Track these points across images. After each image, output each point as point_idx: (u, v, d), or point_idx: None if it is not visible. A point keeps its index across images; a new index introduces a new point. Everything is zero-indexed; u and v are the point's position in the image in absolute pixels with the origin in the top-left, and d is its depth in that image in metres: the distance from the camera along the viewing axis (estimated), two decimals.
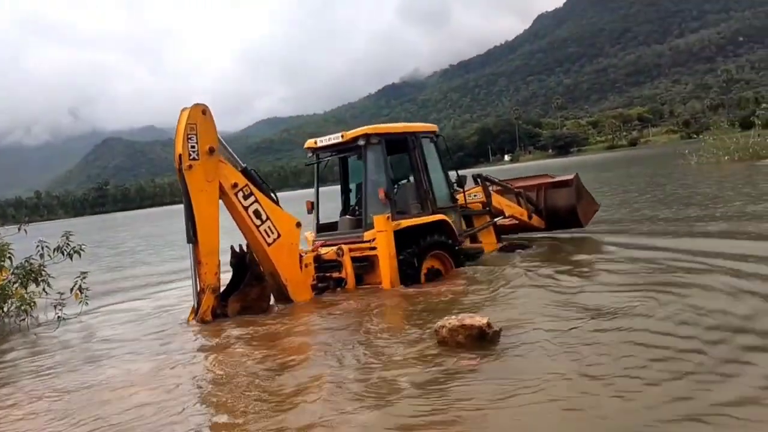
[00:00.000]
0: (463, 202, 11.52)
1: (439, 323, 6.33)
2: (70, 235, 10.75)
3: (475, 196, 12.06)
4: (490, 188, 12.40)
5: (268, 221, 9.36)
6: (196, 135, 8.89)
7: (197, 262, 8.85)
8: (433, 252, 10.21)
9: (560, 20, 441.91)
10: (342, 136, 10.54)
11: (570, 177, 13.41)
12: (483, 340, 6.13)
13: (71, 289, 10.24)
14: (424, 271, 10.01)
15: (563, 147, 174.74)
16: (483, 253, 11.38)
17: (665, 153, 49.15)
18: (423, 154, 10.63)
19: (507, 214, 12.50)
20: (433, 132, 11.32)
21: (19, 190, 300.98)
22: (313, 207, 11.40)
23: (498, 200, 12.42)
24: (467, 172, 12.36)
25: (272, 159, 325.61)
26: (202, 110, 8.98)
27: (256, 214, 9.28)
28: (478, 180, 12.29)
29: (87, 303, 10.44)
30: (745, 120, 58.37)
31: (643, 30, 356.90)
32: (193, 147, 8.86)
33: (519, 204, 12.87)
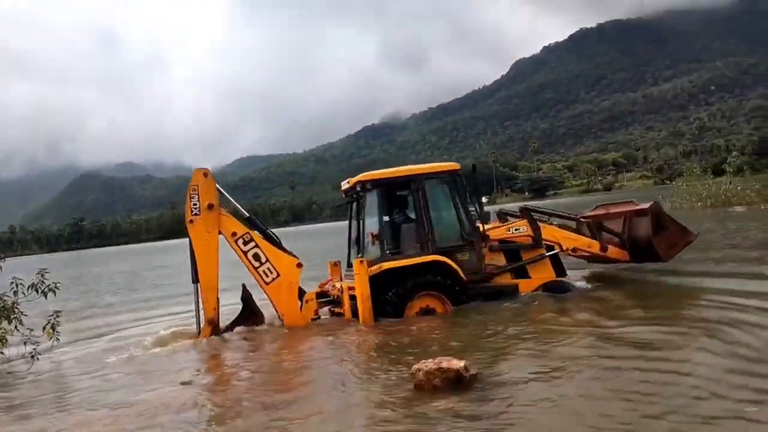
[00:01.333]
0: (501, 236, 11.38)
1: (416, 366, 6.35)
2: (45, 272, 10.62)
3: (517, 230, 11.51)
4: (549, 219, 12.07)
5: (267, 263, 10.75)
6: (198, 194, 10.74)
7: (201, 298, 10.60)
8: (424, 292, 10.46)
9: (537, 66, 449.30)
10: (348, 182, 11.63)
11: (646, 206, 12.00)
12: (460, 383, 6.16)
13: (44, 328, 10.10)
14: (415, 310, 10.40)
15: (539, 190, 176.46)
16: (516, 292, 11.04)
17: (640, 197, 49.70)
18: (425, 195, 10.88)
19: (564, 247, 11.65)
20: (449, 171, 11.31)
21: None
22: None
23: (552, 233, 11.70)
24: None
25: (251, 197, 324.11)
26: (204, 173, 10.90)
27: (255, 257, 10.77)
28: (524, 212, 11.84)
29: (58, 339, 10.31)
30: (716, 167, 59.64)
31: (618, 78, 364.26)
32: (195, 204, 10.74)
33: (589, 235, 11.98)
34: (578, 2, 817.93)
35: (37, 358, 9.80)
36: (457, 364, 6.26)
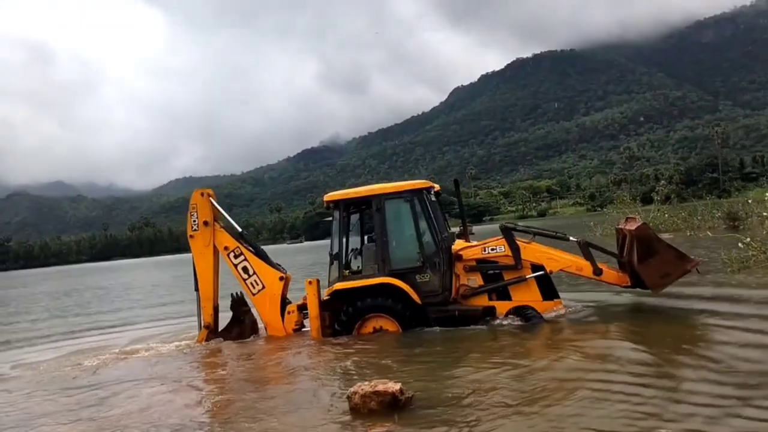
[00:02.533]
0: (476, 255, 10.73)
1: (352, 389, 6.32)
2: None
3: (493, 249, 10.71)
4: (533, 238, 10.97)
5: (255, 275, 11.56)
6: (196, 212, 11.92)
7: (199, 305, 11.68)
8: (374, 314, 10.60)
9: (475, 94, 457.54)
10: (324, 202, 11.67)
11: (632, 227, 10.70)
12: (395, 406, 6.17)
13: None
14: (369, 329, 10.63)
15: (476, 215, 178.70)
16: (493, 314, 10.55)
17: (572, 224, 51.11)
18: (383, 215, 10.85)
19: (548, 269, 10.53)
20: (411, 190, 10.94)
21: None
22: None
23: (534, 253, 10.67)
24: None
25: (185, 218, 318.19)
26: (201, 193, 12.06)
27: (244, 269, 11.63)
28: (503, 230, 10.84)
29: None
30: (645, 195, 61.79)
31: (552, 107, 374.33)
32: (194, 221, 11.92)
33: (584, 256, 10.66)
34: (515, 33, 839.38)
35: None
36: (393, 387, 6.27)
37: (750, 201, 24.75)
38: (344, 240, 11.23)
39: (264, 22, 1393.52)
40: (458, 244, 11.09)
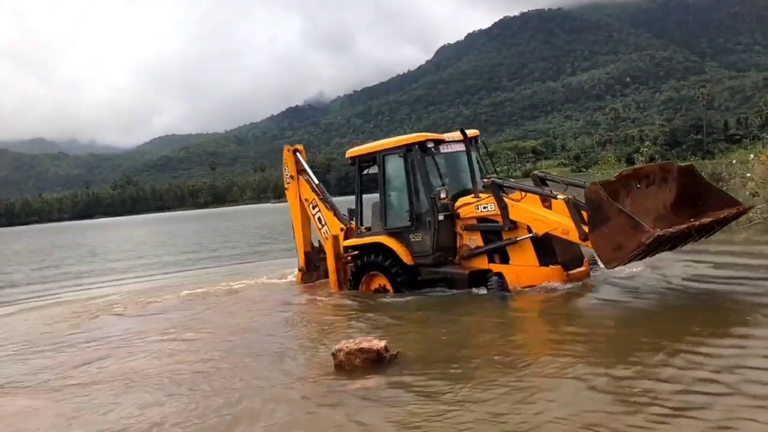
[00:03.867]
0: (471, 214, 9.96)
1: (336, 347, 6.35)
2: None
3: (485, 207, 9.78)
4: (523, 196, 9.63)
5: (326, 225, 12.28)
6: (287, 168, 12.98)
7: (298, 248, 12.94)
8: (373, 272, 10.68)
9: (461, 53, 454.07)
10: None
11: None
12: (380, 363, 6.20)
13: None
14: (374, 286, 10.71)
15: None
16: (466, 280, 9.68)
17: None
18: (383, 172, 10.79)
19: (534, 231, 9.25)
20: (405, 145, 10.49)
21: None
22: None
23: (521, 213, 9.46)
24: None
25: (168, 177, 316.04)
26: (288, 149, 13.05)
27: (319, 220, 12.52)
28: (490, 187, 9.84)
29: None
30: (630, 156, 61.94)
31: (539, 67, 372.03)
32: (286, 175, 13.03)
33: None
34: None
35: None
36: (378, 344, 6.30)
37: (734, 162, 24.87)
38: (360, 196, 11.36)
39: None
40: (460, 201, 10.20)
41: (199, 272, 18.28)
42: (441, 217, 9.88)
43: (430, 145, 10.42)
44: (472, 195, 10.18)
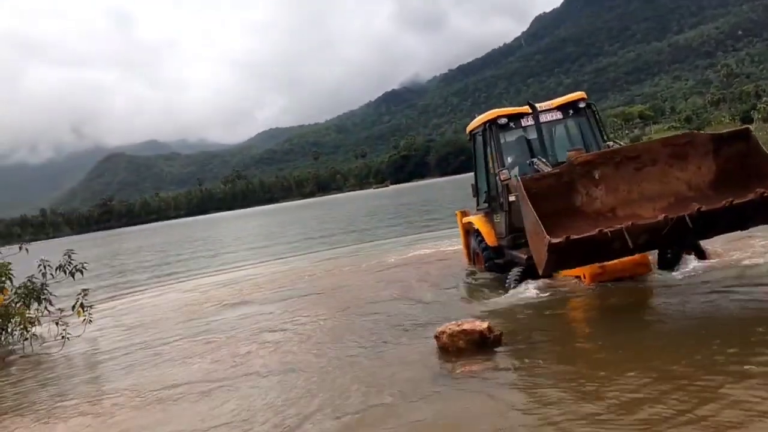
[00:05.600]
0: None
1: (439, 329, 6.31)
2: (72, 253, 10.77)
3: None
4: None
5: None
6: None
7: None
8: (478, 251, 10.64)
9: (558, 21, 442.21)
10: None
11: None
12: (484, 345, 6.12)
13: (73, 307, 10.23)
14: (481, 264, 10.52)
15: None
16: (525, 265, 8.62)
17: None
18: (474, 151, 10.78)
19: None
20: (483, 123, 9.97)
21: (24, 209, 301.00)
22: None
23: None
24: None
25: (275, 169, 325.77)
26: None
27: None
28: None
29: (91, 320, 10.40)
30: (745, 114, 58.34)
31: (642, 28, 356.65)
32: None
33: None
34: None
35: (68, 338, 9.83)
36: (480, 325, 6.21)
37: None
38: (477, 171, 10.91)
39: None
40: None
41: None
42: (512, 198, 8.70)
43: (503, 122, 9.52)
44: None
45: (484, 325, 6.22)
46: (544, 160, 8.60)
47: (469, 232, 11.15)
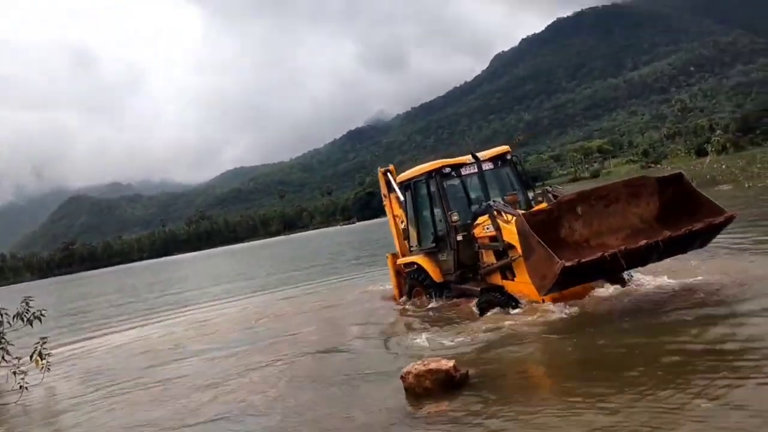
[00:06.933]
0: (480, 234, 10.03)
1: (405, 369, 6.27)
2: (30, 300, 10.54)
3: (488, 228, 9.77)
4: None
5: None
6: (381, 187, 13.84)
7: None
8: (419, 287, 11.68)
9: (516, 59, 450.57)
10: None
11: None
12: (451, 384, 6.10)
13: (31, 356, 9.98)
14: (422, 297, 11.62)
15: (527, 182, 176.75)
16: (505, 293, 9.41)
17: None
18: (414, 197, 11.80)
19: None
20: (427, 172, 11.08)
21: None
22: None
23: (512, 234, 8.86)
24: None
25: (240, 209, 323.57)
26: (380, 170, 13.89)
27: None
28: (487, 208, 9.95)
29: (49, 368, 10.14)
30: (700, 147, 59.83)
31: (598, 65, 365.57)
32: (383, 195, 13.83)
33: None
34: None
35: (26, 389, 9.53)
36: (447, 364, 6.20)
37: None
38: (409, 216, 12.17)
39: (297, 7, 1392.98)
40: (478, 221, 10.20)
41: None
42: (459, 238, 10.37)
43: (447, 170, 10.87)
44: (484, 216, 9.97)
45: (450, 363, 6.21)
46: (501, 201, 10.01)
47: (400, 273, 12.58)
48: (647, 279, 9.38)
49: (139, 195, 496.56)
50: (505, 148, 11.49)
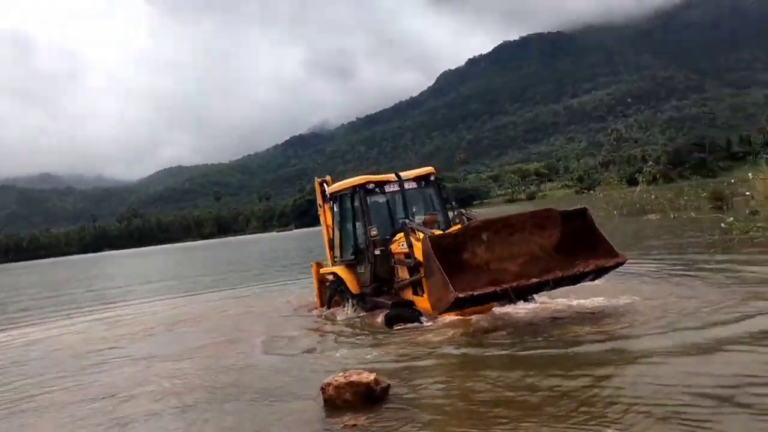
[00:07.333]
0: (396, 250, 10.43)
1: (326, 381, 6.23)
2: None
3: (403, 244, 10.11)
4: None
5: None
6: (318, 195, 14.04)
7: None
8: (336, 297, 12.26)
9: (462, 78, 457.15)
10: None
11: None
12: (371, 396, 6.09)
13: None
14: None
15: (465, 200, 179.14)
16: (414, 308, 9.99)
17: (561, 206, 51.06)
18: (340, 210, 12.23)
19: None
20: (352, 187, 11.55)
21: None
22: None
23: (419, 251, 9.40)
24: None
25: (174, 208, 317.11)
26: (316, 180, 14.08)
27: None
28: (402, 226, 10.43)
29: None
30: (632, 176, 61.86)
31: (540, 90, 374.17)
32: (318, 202, 14.05)
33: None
34: (501, 15, 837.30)
35: None
36: (368, 377, 6.19)
37: (733, 181, 24.87)
38: (335, 228, 12.62)
39: (247, 9, 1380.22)
40: (396, 238, 10.65)
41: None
42: (377, 252, 10.74)
43: (371, 186, 11.28)
44: (401, 233, 10.37)
45: (372, 377, 6.20)
46: (414, 220, 10.70)
47: (323, 282, 12.97)
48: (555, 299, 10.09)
49: (71, 188, 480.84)
50: (429, 169, 11.89)
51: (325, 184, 13.79)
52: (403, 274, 10.30)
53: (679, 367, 6.00)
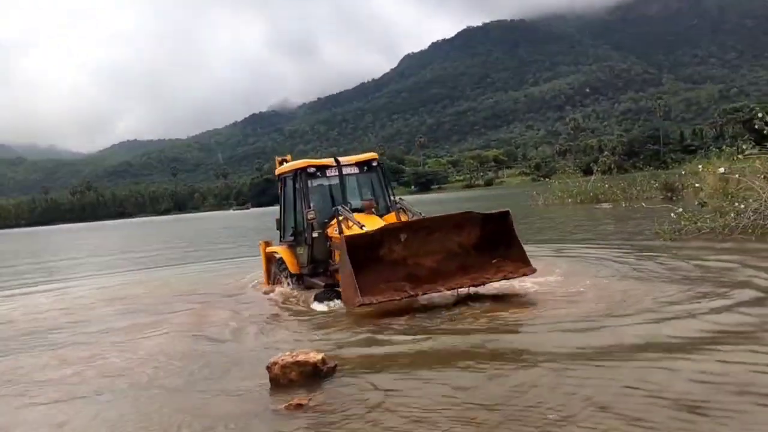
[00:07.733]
0: (332, 234, 10.68)
1: (272, 360, 6.17)
2: None
3: (336, 230, 10.31)
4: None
5: None
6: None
7: None
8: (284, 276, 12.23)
9: (425, 62, 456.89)
10: None
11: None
12: (317, 376, 6.07)
13: None
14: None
15: (425, 184, 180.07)
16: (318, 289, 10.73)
17: (517, 193, 51.74)
18: (283, 191, 12.44)
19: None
20: (294, 170, 11.67)
21: None
22: None
23: None
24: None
25: (129, 183, 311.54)
26: (276, 159, 13.32)
27: None
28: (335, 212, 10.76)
29: None
30: (587, 166, 62.81)
31: (501, 77, 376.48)
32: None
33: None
34: (466, 1, 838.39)
35: None
36: (315, 356, 6.16)
37: (684, 172, 25.46)
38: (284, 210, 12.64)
39: None
40: (332, 223, 10.86)
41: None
42: (315, 235, 10.93)
43: (312, 170, 11.47)
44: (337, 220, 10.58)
45: (319, 356, 6.17)
46: (346, 207, 10.81)
47: (270, 260, 12.95)
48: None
49: (21, 158, 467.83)
50: (373, 154, 12.14)
51: (285, 163, 13.53)
52: (338, 257, 10.29)
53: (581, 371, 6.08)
